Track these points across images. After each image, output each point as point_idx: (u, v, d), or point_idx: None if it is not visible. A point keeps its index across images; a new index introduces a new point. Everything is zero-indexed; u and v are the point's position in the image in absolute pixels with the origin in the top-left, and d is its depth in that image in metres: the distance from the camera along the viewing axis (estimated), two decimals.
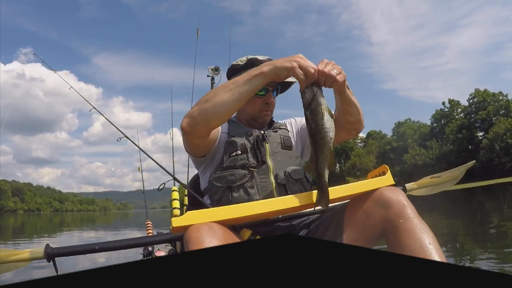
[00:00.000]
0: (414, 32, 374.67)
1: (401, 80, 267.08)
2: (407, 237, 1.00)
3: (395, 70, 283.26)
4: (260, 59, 1.42)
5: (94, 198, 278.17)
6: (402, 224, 1.02)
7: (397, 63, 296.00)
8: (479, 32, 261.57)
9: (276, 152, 1.42)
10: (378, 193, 1.12)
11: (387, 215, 1.06)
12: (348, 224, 1.17)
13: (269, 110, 1.48)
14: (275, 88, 1.46)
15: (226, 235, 0.97)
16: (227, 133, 1.44)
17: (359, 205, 1.15)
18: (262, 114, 1.47)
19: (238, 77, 1.20)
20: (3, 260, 1.10)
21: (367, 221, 1.12)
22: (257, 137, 1.41)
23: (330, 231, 1.22)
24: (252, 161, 1.35)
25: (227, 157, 1.37)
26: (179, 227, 0.98)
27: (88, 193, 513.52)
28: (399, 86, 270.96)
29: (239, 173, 1.33)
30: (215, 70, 2.57)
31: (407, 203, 1.08)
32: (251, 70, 1.18)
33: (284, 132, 1.53)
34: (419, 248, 0.97)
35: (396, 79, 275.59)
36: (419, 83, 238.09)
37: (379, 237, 1.12)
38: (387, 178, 1.24)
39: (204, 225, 0.95)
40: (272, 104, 1.48)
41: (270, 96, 1.45)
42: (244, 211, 1.02)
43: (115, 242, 1.19)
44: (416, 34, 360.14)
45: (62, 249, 1.13)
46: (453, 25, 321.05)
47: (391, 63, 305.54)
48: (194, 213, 0.99)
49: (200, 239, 0.91)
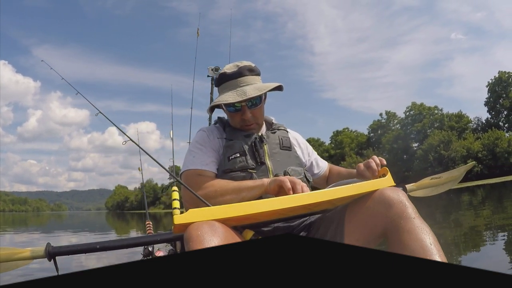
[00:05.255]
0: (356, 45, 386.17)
1: (340, 90, 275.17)
2: (408, 237, 1.00)
3: (336, 80, 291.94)
4: (248, 68, 1.44)
5: (26, 198, 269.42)
6: (403, 224, 1.02)
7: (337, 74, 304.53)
8: (418, 49, 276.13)
9: (275, 153, 1.43)
10: (379, 193, 1.12)
11: (388, 215, 1.06)
12: (349, 224, 1.17)
13: (251, 124, 1.45)
14: (248, 103, 1.41)
15: (227, 234, 0.97)
16: (225, 138, 1.45)
17: (360, 205, 1.15)
18: (244, 128, 1.47)
19: (246, 189, 1.25)
20: (4, 258, 1.10)
21: (368, 221, 1.12)
22: (255, 139, 1.42)
23: (331, 231, 1.23)
24: (251, 162, 1.36)
25: (226, 160, 1.38)
26: (180, 224, 0.97)
27: (20, 192, 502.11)
28: (338, 95, 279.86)
29: (238, 175, 1.34)
30: (215, 70, 2.58)
31: (408, 203, 1.07)
32: (257, 185, 1.24)
33: (283, 133, 1.54)
34: (420, 248, 0.96)
35: (336, 89, 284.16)
36: (358, 94, 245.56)
37: (380, 237, 1.12)
38: (388, 179, 1.23)
39: (205, 224, 0.95)
40: (252, 117, 1.44)
41: (245, 111, 1.41)
42: (247, 209, 1.02)
43: (116, 241, 1.20)
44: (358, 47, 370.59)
45: (63, 248, 1.14)
46: (394, 41, 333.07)
47: (332, 73, 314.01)
48: (196, 211, 0.99)
49: (201, 238, 0.91)
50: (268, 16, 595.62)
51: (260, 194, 1.22)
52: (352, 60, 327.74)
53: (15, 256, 1.12)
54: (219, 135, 1.47)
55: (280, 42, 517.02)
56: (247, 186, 1.24)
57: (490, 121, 55.27)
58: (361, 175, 1.34)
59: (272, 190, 1.18)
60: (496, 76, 54.39)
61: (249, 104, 1.41)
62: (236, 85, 1.42)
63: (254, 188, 1.23)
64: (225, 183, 1.28)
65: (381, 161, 1.32)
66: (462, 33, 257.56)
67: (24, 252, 1.12)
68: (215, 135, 1.47)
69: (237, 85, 1.42)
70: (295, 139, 1.61)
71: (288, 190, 1.12)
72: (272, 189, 1.18)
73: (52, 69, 1.90)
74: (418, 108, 57.30)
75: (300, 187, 1.13)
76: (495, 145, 45.21)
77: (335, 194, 1.12)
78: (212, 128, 1.53)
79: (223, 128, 1.51)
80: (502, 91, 53.60)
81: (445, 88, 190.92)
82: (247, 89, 1.38)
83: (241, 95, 1.37)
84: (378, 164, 1.31)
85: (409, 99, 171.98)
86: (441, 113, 56.42)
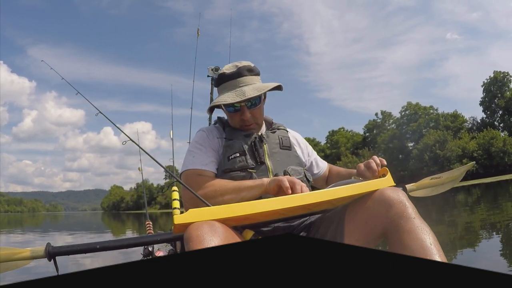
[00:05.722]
0: (351, 45, 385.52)
1: (336, 90, 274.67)
2: (408, 237, 1.00)
3: (331, 80, 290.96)
4: (247, 68, 1.44)
5: (22, 198, 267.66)
6: (403, 224, 1.02)
7: (333, 74, 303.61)
8: (414, 49, 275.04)
9: (274, 152, 1.43)
10: (379, 193, 1.12)
11: (388, 215, 1.06)
12: (349, 224, 1.17)
13: (251, 124, 1.45)
14: (248, 103, 1.42)
15: (227, 234, 0.96)
16: (225, 138, 1.45)
17: (360, 205, 1.15)
18: (244, 128, 1.47)
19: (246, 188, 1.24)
20: (4, 258, 1.10)
21: (368, 221, 1.12)
22: (254, 138, 1.42)
23: (331, 231, 1.23)
24: (250, 162, 1.36)
25: (225, 160, 1.37)
26: (180, 224, 0.97)
27: (16, 193, 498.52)
28: (334, 95, 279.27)
29: (238, 175, 1.34)
30: (215, 70, 2.58)
31: (408, 203, 1.07)
32: (257, 184, 1.24)
33: (282, 132, 1.54)
34: (420, 248, 0.96)
35: (331, 89, 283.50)
36: (354, 94, 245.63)
37: (380, 237, 1.12)
38: (388, 179, 1.24)
39: (205, 224, 0.95)
40: (252, 117, 1.44)
41: (245, 111, 1.41)
42: (247, 209, 1.02)
43: (116, 241, 1.20)
44: (353, 47, 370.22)
45: (64, 248, 1.13)
46: (389, 41, 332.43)
47: (328, 73, 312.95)
48: (196, 211, 0.99)
49: (201, 238, 0.90)
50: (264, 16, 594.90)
51: (260, 194, 1.22)
52: (348, 60, 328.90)
53: (15, 256, 1.11)
54: (218, 135, 1.47)
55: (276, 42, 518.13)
56: (247, 186, 1.24)
57: (485, 120, 55.81)
58: (361, 175, 1.33)
59: (271, 190, 1.18)
60: (491, 76, 54.88)
61: (248, 104, 1.41)
62: (235, 85, 1.42)
63: (253, 188, 1.23)
64: (225, 183, 1.28)
65: (381, 161, 1.33)
66: (458, 33, 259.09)
67: (24, 252, 1.12)
68: (214, 135, 1.47)
69: (236, 85, 1.41)
70: (295, 139, 1.61)
71: (287, 189, 1.11)
72: (272, 189, 1.18)
73: (52, 69, 1.90)
74: (413, 108, 57.73)
75: (300, 187, 1.12)
76: (490, 144, 45.62)
77: (335, 194, 1.12)
78: (211, 128, 1.53)
79: (222, 128, 1.51)
80: (497, 91, 54.08)
81: (440, 88, 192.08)
82: (246, 89, 1.38)
83: (240, 96, 1.37)
84: (378, 164, 1.31)
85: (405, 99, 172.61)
86: (437, 112, 57.02)
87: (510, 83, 53.04)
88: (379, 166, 1.32)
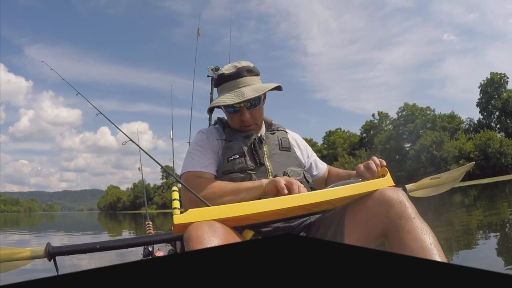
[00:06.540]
0: (349, 46, 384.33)
1: (333, 91, 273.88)
2: (408, 237, 1.00)
3: (328, 81, 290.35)
4: (246, 68, 1.44)
5: (18, 198, 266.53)
6: (403, 224, 1.02)
7: (330, 74, 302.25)
8: (411, 50, 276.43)
9: (274, 153, 1.43)
10: (379, 193, 1.12)
11: (388, 215, 1.06)
12: (348, 224, 1.17)
13: (250, 124, 1.45)
14: (247, 104, 1.41)
15: (227, 234, 0.96)
16: (224, 140, 1.45)
17: (360, 205, 1.15)
18: (243, 129, 1.46)
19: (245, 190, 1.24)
20: (4, 258, 1.09)
21: (368, 221, 1.12)
22: (254, 139, 1.42)
23: (331, 231, 1.23)
24: (250, 164, 1.36)
25: (225, 161, 1.37)
26: (180, 224, 0.97)
27: (12, 193, 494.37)
28: (331, 96, 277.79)
29: (238, 176, 1.34)
30: (215, 70, 2.58)
31: (408, 203, 1.08)
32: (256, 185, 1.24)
33: (282, 134, 1.54)
34: (420, 249, 0.96)
35: (328, 89, 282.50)
36: (351, 95, 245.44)
37: (380, 237, 1.12)
38: (387, 179, 1.24)
39: (205, 224, 0.95)
40: (251, 118, 1.44)
41: (244, 112, 1.41)
42: (246, 209, 1.02)
43: (116, 241, 1.19)
44: (350, 48, 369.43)
45: (64, 248, 1.12)
46: (387, 42, 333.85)
47: (325, 73, 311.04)
48: (196, 211, 0.99)
49: (201, 238, 0.90)
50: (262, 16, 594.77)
51: (259, 195, 1.22)
52: (345, 61, 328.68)
53: (15, 256, 1.10)
54: (218, 136, 1.47)
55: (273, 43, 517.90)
56: (246, 187, 1.24)
57: (482, 121, 56.09)
58: (361, 176, 1.33)
59: (270, 191, 1.18)
60: (488, 77, 55.15)
61: (247, 105, 1.41)
62: (234, 86, 1.41)
63: (252, 189, 1.23)
64: (224, 185, 1.28)
65: (381, 162, 1.33)
66: (455, 35, 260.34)
67: (24, 252, 1.11)
68: (214, 137, 1.47)
69: (236, 86, 1.41)
70: (294, 140, 1.61)
71: (282, 190, 1.11)
72: (270, 190, 1.18)
73: (52, 70, 1.90)
74: (410, 108, 57.73)
75: (297, 187, 1.12)
76: (487, 145, 45.80)
77: (335, 194, 1.12)
78: (211, 129, 1.53)
79: (222, 129, 1.51)
80: (494, 92, 54.35)
81: (437, 89, 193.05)
82: (245, 90, 1.38)
83: (239, 97, 1.37)
84: (377, 165, 1.31)
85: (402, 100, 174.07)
86: (433, 113, 57.11)
87: (507, 85, 53.39)
88: (378, 166, 1.32)
